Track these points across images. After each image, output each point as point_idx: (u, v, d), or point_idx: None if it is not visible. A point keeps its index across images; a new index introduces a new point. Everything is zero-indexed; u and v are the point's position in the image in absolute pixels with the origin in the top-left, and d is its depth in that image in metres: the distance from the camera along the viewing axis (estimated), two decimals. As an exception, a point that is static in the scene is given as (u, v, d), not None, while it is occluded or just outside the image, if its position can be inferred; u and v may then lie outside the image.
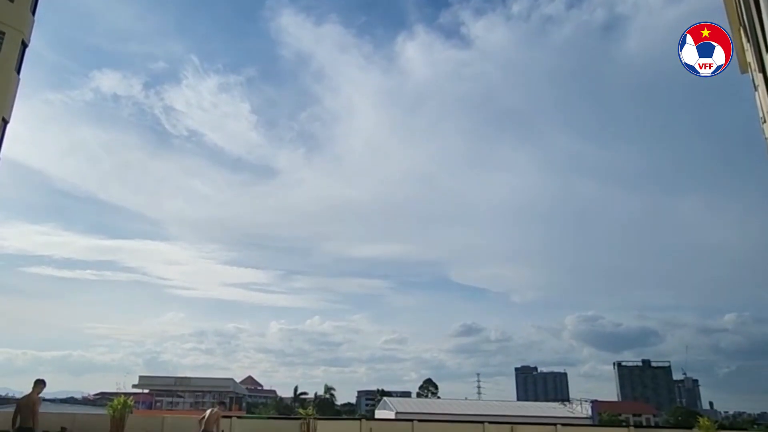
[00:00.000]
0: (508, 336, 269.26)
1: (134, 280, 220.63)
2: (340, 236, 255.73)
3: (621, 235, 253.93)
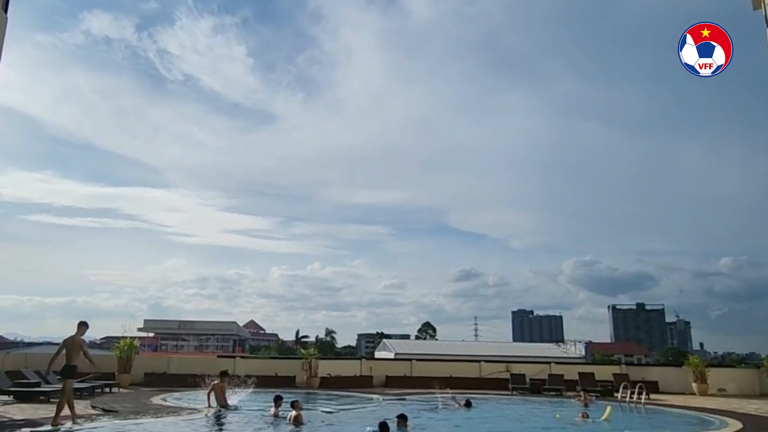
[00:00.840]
0: (506, 281, 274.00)
1: (134, 227, 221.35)
2: (340, 183, 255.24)
3: (622, 181, 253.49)
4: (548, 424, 13.15)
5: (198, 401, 15.03)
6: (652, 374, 23.01)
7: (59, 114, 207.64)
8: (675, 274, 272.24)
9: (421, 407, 16.06)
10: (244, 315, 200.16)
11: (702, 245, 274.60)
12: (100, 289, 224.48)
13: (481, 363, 24.77)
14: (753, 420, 13.27)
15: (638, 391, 16.76)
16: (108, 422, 11.17)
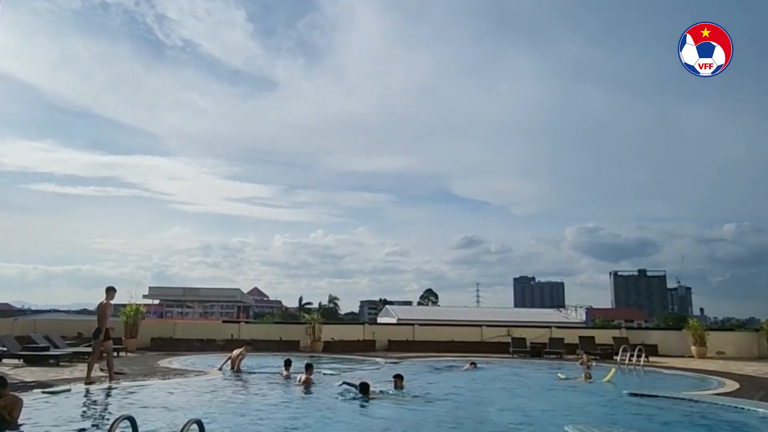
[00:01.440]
0: (508, 247, 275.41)
1: (136, 195, 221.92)
2: (342, 150, 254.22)
3: (627, 147, 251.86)
4: (551, 385, 13.38)
5: (204, 365, 15.29)
6: (652, 338, 23.30)
7: (57, 81, 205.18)
8: (678, 240, 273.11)
9: (425, 369, 16.38)
10: (248, 283, 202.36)
11: (706, 211, 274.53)
12: (105, 257, 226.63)
13: (483, 327, 25.12)
14: (750, 380, 13.48)
15: (638, 354, 16.98)
16: (117, 384, 11.39)
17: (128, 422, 4.20)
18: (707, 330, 23.37)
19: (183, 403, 9.60)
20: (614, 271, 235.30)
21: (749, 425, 8.24)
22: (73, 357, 15.75)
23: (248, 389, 11.82)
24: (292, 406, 9.73)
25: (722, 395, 10.95)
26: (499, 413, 9.28)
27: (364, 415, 9.02)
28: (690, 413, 9.29)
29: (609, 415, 9.29)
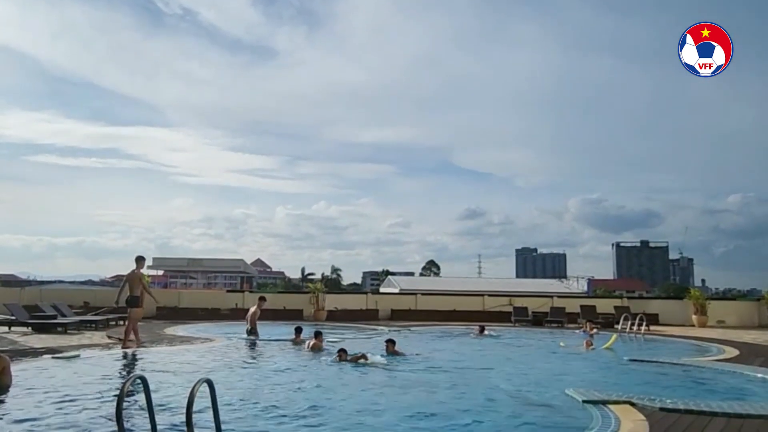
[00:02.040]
0: (510, 219, 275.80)
1: (139, 167, 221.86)
2: (345, 121, 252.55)
3: (632, 117, 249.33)
4: (555, 351, 13.58)
5: (209, 333, 15.52)
6: (653, 307, 23.46)
7: (57, 51, 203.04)
8: (682, 211, 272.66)
9: (435, 336, 16.68)
10: (251, 254, 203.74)
11: (711, 182, 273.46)
12: (108, 229, 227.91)
13: (485, 297, 25.35)
14: (749, 347, 13.64)
15: (638, 322, 17.15)
16: (125, 350, 11.60)
17: (140, 381, 4.28)
18: (708, 299, 23.55)
19: (191, 367, 9.80)
20: (616, 242, 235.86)
21: (747, 389, 8.36)
22: (81, 325, 15.99)
23: (258, 353, 12.04)
24: (299, 369, 9.90)
25: (721, 361, 11.10)
26: (500, 377, 9.43)
27: (358, 377, 9.17)
28: (689, 378, 9.44)
29: (609, 380, 9.44)
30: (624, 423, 5.68)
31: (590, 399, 6.72)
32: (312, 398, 7.28)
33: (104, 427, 5.46)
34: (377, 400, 7.36)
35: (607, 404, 6.48)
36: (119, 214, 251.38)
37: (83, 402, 6.65)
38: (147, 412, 4.42)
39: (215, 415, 4.39)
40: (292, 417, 6.24)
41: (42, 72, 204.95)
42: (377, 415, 6.43)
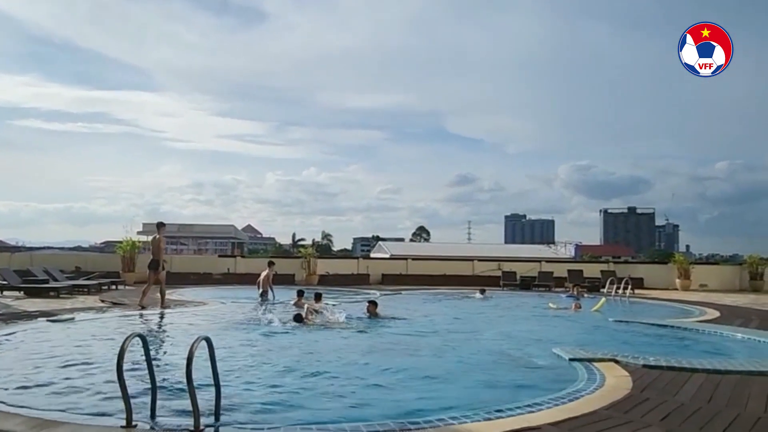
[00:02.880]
0: (501, 186, 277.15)
1: (126, 132, 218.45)
2: (335, 86, 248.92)
3: (624, 84, 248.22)
4: (543, 314, 13.95)
5: (202, 296, 15.67)
6: (638, 271, 23.99)
7: (37, 11, 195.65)
8: (670, 178, 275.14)
9: (433, 299, 17.06)
10: (241, 220, 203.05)
11: (700, 150, 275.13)
12: (97, 195, 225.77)
13: (475, 262, 25.73)
14: (729, 309, 14.07)
15: (624, 286, 17.56)
16: (120, 313, 11.71)
17: (139, 340, 4.38)
18: (692, 264, 24.09)
19: (188, 327, 9.96)
20: (604, 208, 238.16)
21: (726, 347, 8.72)
22: (73, 289, 16.05)
23: (258, 315, 12.22)
24: (297, 332, 10.09)
25: (703, 322, 11.47)
26: (490, 337, 9.71)
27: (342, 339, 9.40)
28: (671, 337, 9.79)
29: (595, 340, 9.74)
30: (608, 379, 5.92)
31: (576, 357, 6.97)
32: (294, 360, 7.45)
33: (106, 386, 5.59)
34: (360, 360, 7.56)
35: (592, 362, 6.73)
36: (108, 180, 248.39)
37: (82, 363, 6.78)
38: (147, 369, 4.55)
39: (214, 371, 4.52)
40: (270, 378, 6.43)
41: (21, 33, 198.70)
42: (362, 376, 6.60)
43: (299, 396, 5.64)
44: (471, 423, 4.41)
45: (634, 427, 4.29)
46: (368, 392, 5.88)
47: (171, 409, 4.85)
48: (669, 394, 5.35)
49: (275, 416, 4.89)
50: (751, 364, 6.75)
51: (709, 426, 4.36)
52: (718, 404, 5.01)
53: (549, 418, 4.52)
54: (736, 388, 5.60)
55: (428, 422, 4.41)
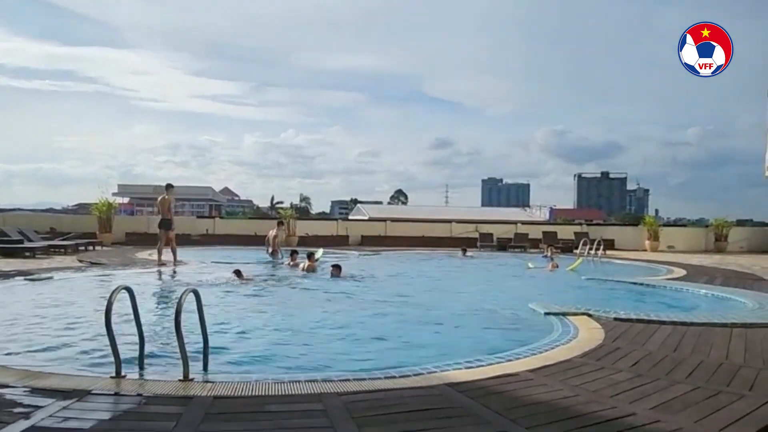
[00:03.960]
0: (479, 149, 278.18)
1: (98, 90, 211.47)
2: (314, 46, 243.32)
3: (601, 47, 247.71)
4: (521, 273, 14.37)
5: (182, 257, 15.60)
6: (610, 233, 24.64)
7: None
8: (643, 143, 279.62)
9: (407, 259, 17.34)
10: (218, 183, 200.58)
11: (673, 115, 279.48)
12: (68, 155, 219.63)
13: (452, 224, 26.06)
14: (695, 268, 14.67)
15: (596, 247, 18.07)
16: (99, 272, 11.64)
17: (126, 292, 4.43)
18: (661, 226, 24.86)
19: (172, 284, 10.01)
20: (579, 173, 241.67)
21: (692, 302, 9.17)
22: (49, 250, 15.83)
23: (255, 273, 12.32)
24: (282, 288, 10.23)
25: (670, 280, 11.97)
26: (468, 294, 10.01)
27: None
28: (641, 294, 10.24)
29: (569, 296, 10.13)
30: (582, 331, 6.21)
31: (551, 311, 7.25)
32: (281, 315, 7.62)
33: (92, 340, 5.65)
34: (342, 316, 7.76)
35: (567, 316, 7.03)
36: (79, 140, 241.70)
37: (64, 319, 6.80)
38: (134, 322, 4.61)
39: (202, 323, 4.62)
40: (256, 330, 6.57)
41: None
42: (345, 330, 6.81)
43: (285, 348, 5.80)
44: (452, 371, 4.61)
45: (607, 373, 4.55)
46: (351, 345, 6.07)
47: (159, 361, 4.96)
48: (638, 344, 5.65)
49: (263, 366, 5.04)
50: (714, 316, 7.13)
51: (676, 371, 4.65)
52: (684, 353, 5.32)
53: (526, 366, 4.75)
54: (700, 338, 5.94)
55: (411, 370, 4.60)
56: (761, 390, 4.16)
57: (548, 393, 4.02)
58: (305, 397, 3.87)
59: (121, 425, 3.37)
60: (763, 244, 24.10)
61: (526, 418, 3.48)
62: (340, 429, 3.26)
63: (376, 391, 4.02)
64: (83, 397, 3.71)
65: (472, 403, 3.78)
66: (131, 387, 4.03)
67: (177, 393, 3.90)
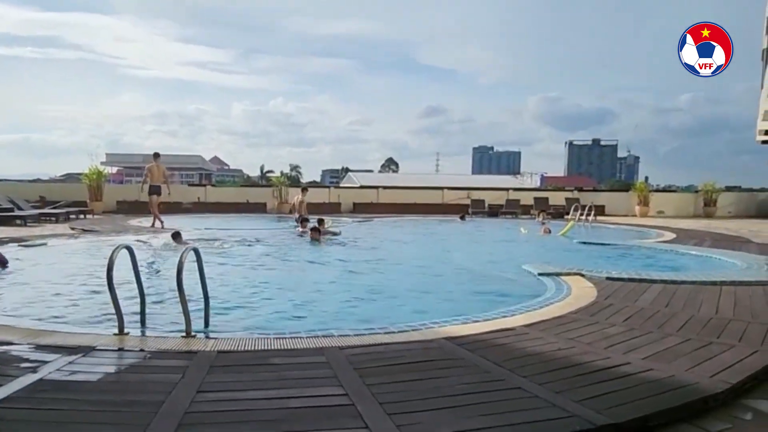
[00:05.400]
0: (471, 117, 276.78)
1: (83, 58, 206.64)
2: (303, 11, 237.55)
3: (596, 14, 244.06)
4: (515, 237, 14.54)
5: (175, 224, 15.56)
6: (601, 199, 24.75)
7: None
8: (636, 110, 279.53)
9: (402, 225, 17.46)
10: (208, 152, 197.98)
11: (666, 81, 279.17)
12: (55, 125, 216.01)
13: (444, 190, 26.09)
14: (684, 232, 14.88)
15: (587, 212, 18.23)
16: (93, 238, 11.60)
17: (127, 250, 4.43)
18: (651, 192, 25.09)
19: (169, 248, 10.02)
20: (569, 140, 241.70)
21: (681, 263, 9.35)
22: (40, 217, 15.72)
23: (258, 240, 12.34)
24: (280, 248, 10.28)
25: (660, 242, 12.16)
26: (464, 257, 10.13)
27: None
28: (632, 255, 10.41)
29: (562, 258, 10.24)
30: (575, 290, 6.33)
31: (545, 272, 7.37)
32: (281, 275, 7.69)
33: (93, 300, 5.68)
34: (344, 276, 7.87)
35: (560, 276, 7.15)
36: (66, 109, 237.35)
37: (62, 282, 6.82)
38: (135, 281, 4.64)
39: (202, 280, 4.65)
40: (258, 290, 6.64)
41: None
42: (347, 290, 6.92)
43: (287, 306, 5.88)
44: (450, 326, 4.71)
45: (600, 327, 4.68)
46: (350, 305, 6.16)
47: (161, 319, 5.01)
48: (630, 300, 5.78)
49: (265, 324, 5.11)
50: (704, 275, 7.28)
51: (667, 325, 4.78)
52: (675, 308, 5.45)
53: (522, 322, 4.86)
54: (690, 295, 6.08)
55: (411, 326, 4.69)
56: (750, 341, 4.30)
57: (544, 345, 4.13)
58: (308, 351, 3.95)
59: (127, 377, 3.44)
60: (750, 209, 24.45)
61: (523, 368, 3.59)
62: (343, 378, 3.34)
63: (377, 345, 4.11)
64: (88, 353, 3.76)
65: (470, 354, 3.88)
66: (135, 343, 4.09)
67: (180, 348, 3.96)
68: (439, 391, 3.17)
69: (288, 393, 3.12)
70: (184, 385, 3.19)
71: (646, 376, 3.44)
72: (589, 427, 2.75)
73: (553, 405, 2.97)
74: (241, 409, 2.90)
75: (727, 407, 3.21)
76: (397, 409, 2.88)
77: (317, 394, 3.11)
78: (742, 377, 3.48)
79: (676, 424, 2.97)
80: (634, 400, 3.07)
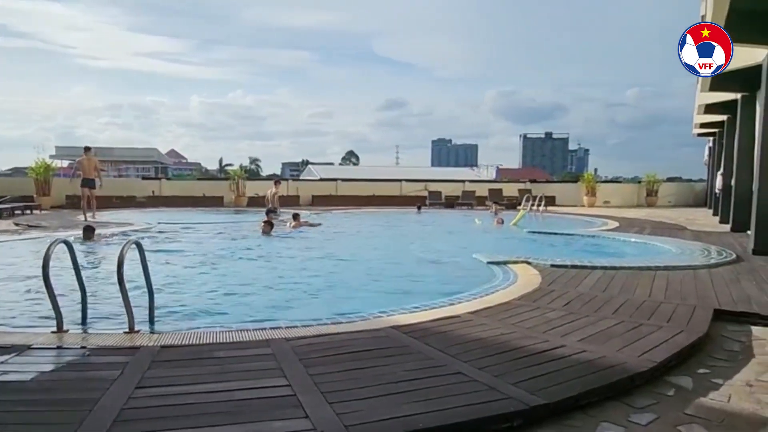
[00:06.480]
0: (430, 110, 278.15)
1: (32, 47, 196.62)
2: (262, 2, 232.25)
3: (554, 8, 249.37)
4: (470, 229, 14.83)
5: (128, 219, 15.14)
6: (551, 190, 25.55)
7: None
8: (586, 104, 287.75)
9: (359, 217, 17.66)
10: (165, 145, 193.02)
11: (616, 75, 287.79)
12: (2, 117, 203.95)
13: (402, 183, 26.29)
14: (628, 221, 15.53)
15: (538, 203, 18.76)
16: (38, 234, 11.13)
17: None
18: (598, 183, 26.07)
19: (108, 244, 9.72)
20: (524, 133, 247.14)
21: (622, 250, 9.82)
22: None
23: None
24: (235, 242, 10.13)
25: (604, 231, 12.67)
26: (416, 246, 10.28)
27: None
28: (577, 243, 10.83)
29: (512, 247, 10.53)
30: (521, 277, 6.55)
31: (493, 260, 7.58)
32: (231, 269, 7.61)
33: (31, 298, 5.49)
34: (293, 267, 7.87)
35: (507, 264, 7.36)
36: (13, 100, 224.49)
37: (1, 282, 6.55)
38: (75, 276, 4.51)
39: (146, 275, 4.56)
40: (206, 285, 6.58)
41: None
42: (295, 281, 6.92)
43: (231, 299, 5.83)
44: (398, 315, 4.80)
45: (541, 312, 4.86)
46: (299, 296, 6.17)
47: (102, 315, 4.90)
48: (572, 286, 6.02)
49: (211, 319, 5.07)
50: (641, 261, 7.66)
51: (603, 308, 5.02)
52: (612, 293, 5.72)
53: (467, 309, 5.00)
54: (627, 280, 6.39)
55: (358, 316, 4.75)
56: (677, 322, 4.56)
57: (486, 331, 4.26)
58: (253, 343, 3.95)
59: (63, 376, 3.35)
60: (689, 198, 25.75)
61: (465, 353, 3.70)
62: (287, 369, 3.37)
63: (324, 335, 4.15)
64: (23, 352, 3.65)
65: (416, 342, 3.97)
66: (74, 340, 3.98)
67: (122, 344, 3.90)
68: (382, 379, 3.24)
69: (231, 386, 3.12)
70: (123, 380, 3.15)
71: (579, 358, 3.62)
72: (523, 407, 2.87)
73: (491, 388, 3.09)
74: (181, 403, 2.89)
75: (651, 384, 3.42)
76: (338, 397, 2.93)
77: (261, 386, 3.13)
78: (666, 355, 3.70)
79: (604, 402, 3.14)
80: (567, 380, 3.22)
